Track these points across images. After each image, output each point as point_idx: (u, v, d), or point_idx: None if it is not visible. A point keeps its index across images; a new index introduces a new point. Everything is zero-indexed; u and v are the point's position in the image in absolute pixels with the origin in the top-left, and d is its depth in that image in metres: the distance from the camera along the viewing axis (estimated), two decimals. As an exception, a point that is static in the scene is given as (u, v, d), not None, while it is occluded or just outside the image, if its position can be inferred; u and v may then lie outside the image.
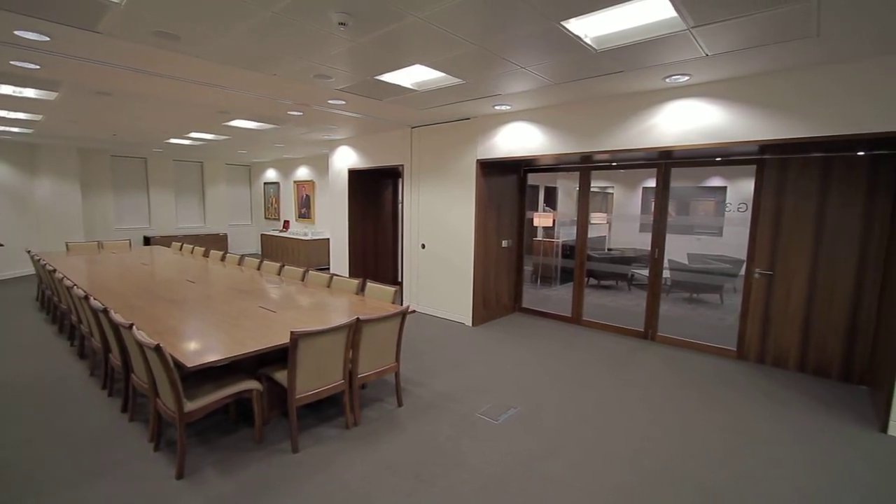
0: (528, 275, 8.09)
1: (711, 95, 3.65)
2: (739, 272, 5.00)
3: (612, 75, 3.51)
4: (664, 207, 4.87)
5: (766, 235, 4.20)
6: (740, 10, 2.33)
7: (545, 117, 4.66)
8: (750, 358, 4.37)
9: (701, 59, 3.10)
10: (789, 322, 4.14)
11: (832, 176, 3.87)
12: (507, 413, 3.28)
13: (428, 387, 3.72)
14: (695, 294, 7.16)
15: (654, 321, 4.97)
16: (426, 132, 5.84)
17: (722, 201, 9.21)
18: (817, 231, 3.96)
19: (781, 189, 4.11)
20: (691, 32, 2.63)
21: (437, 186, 5.78)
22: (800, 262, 4.05)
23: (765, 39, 2.71)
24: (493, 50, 3.00)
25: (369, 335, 3.02)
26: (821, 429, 3.11)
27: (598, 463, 2.68)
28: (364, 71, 3.54)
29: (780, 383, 3.87)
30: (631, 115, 4.08)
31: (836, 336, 3.93)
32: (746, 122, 3.50)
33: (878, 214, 3.69)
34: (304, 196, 10.45)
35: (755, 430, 3.09)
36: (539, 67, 3.36)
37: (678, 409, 3.38)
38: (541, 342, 4.90)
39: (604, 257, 7.94)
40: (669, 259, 7.26)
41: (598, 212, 10.47)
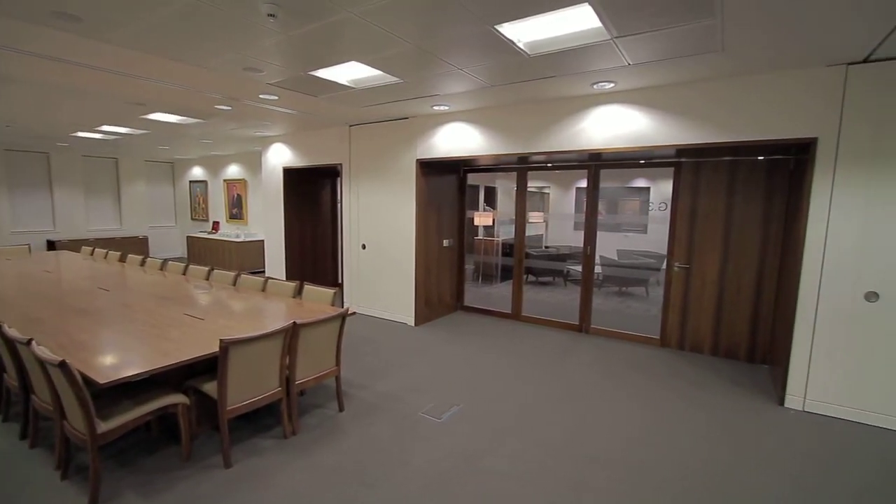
0: (470, 273, 8.23)
1: (634, 102, 3.91)
2: (662, 266, 5.40)
3: (544, 80, 3.65)
4: (594, 206, 5.15)
5: (684, 232, 4.58)
6: (656, 24, 2.52)
7: (483, 118, 4.76)
8: (671, 345, 4.74)
9: (624, 68, 3.31)
10: (704, 311, 4.54)
11: (737, 178, 4.29)
12: (450, 411, 3.31)
13: (370, 389, 3.66)
14: (624, 288, 7.65)
15: (587, 315, 5.25)
16: (365, 130, 5.74)
17: (646, 201, 9.92)
18: (726, 228, 4.38)
19: (696, 190, 4.49)
20: (615, 42, 2.80)
21: (376, 186, 5.70)
22: (712, 256, 4.46)
23: (678, 52, 2.95)
24: (430, 50, 3.01)
25: (307, 340, 2.92)
26: (730, 405, 3.45)
27: (537, 453, 2.78)
28: (297, 66, 3.41)
29: (697, 366, 4.24)
30: (563, 119, 4.27)
31: (743, 322, 4.37)
32: (665, 128, 3.79)
33: (775, 213, 4.15)
34: (235, 195, 9.89)
35: (675, 410, 3.36)
36: (475, 69, 3.42)
37: (609, 396, 3.59)
38: (482, 339, 5.00)
39: (541, 255, 8.26)
40: (601, 255, 7.70)
41: (536, 211, 10.86)
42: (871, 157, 3.06)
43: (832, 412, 3.31)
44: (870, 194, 3.09)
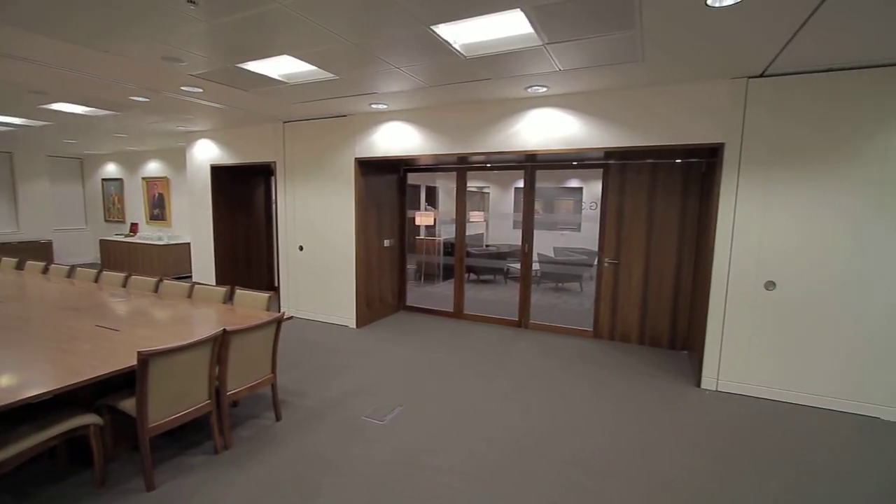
0: (413, 273, 8.21)
1: (566, 106, 4.10)
2: (594, 262, 5.71)
3: (480, 82, 3.72)
4: (531, 206, 5.33)
5: (612, 230, 4.87)
6: (582, 33, 2.65)
7: (422, 118, 4.76)
8: (603, 336, 5.03)
9: (555, 73, 3.45)
10: (631, 303, 4.86)
11: (658, 180, 4.64)
12: (393, 412, 3.28)
13: (310, 395, 3.54)
14: (560, 283, 8.00)
15: (526, 311, 5.43)
16: (300, 128, 5.54)
17: (579, 200, 10.44)
18: (649, 226, 4.71)
19: (622, 190, 4.80)
20: (546, 48, 2.92)
21: (314, 185, 5.52)
22: (638, 252, 4.78)
23: (603, 60, 3.13)
24: (366, 47, 2.96)
25: (239, 347, 2.76)
26: (655, 389, 3.72)
27: (480, 447, 2.83)
28: (224, 57, 3.21)
29: (626, 355, 4.53)
30: (500, 120, 4.38)
31: (665, 312, 4.73)
32: (594, 131, 4.01)
33: (690, 212, 4.53)
34: (155, 195, 9.14)
35: (606, 397, 3.57)
36: (413, 69, 3.41)
37: (547, 387, 3.74)
38: (425, 339, 5.01)
39: (482, 253, 8.42)
40: (538, 253, 8.00)
41: (476, 210, 11.05)
42: (768, 161, 3.43)
43: (741, 391, 3.68)
44: (767, 194, 3.46)
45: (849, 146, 3.22)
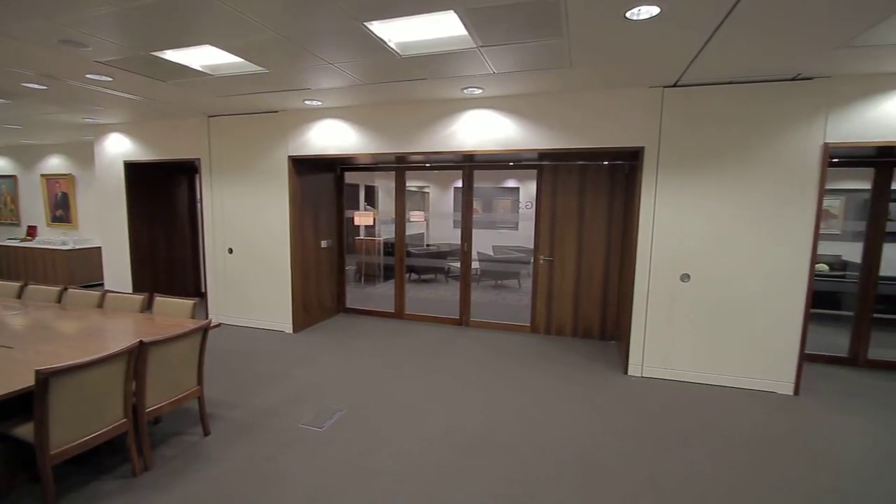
0: (352, 274, 8.04)
1: (501, 108, 4.20)
2: (531, 260, 5.91)
3: (417, 81, 3.71)
4: (470, 205, 5.42)
5: (547, 228, 5.08)
6: (513, 38, 2.73)
7: (359, 116, 4.67)
8: (540, 330, 5.23)
9: (490, 76, 3.53)
10: (565, 298, 5.10)
11: (587, 180, 4.90)
12: (332, 418, 3.19)
13: (243, 406, 3.35)
14: (499, 281, 8.21)
15: (467, 308, 5.51)
16: (227, 123, 5.22)
17: (517, 200, 10.77)
18: (580, 224, 4.96)
19: (555, 190, 5.01)
20: (480, 51, 2.97)
21: (244, 184, 5.22)
22: (570, 249, 5.02)
23: (535, 65, 3.25)
24: (297, 41, 2.85)
25: (159, 360, 2.55)
26: (587, 378, 3.93)
27: (421, 447, 2.83)
28: (136, 44, 2.95)
29: (561, 347, 4.74)
30: (437, 120, 4.40)
31: (595, 305, 5.01)
32: (527, 133, 4.15)
33: (616, 211, 4.83)
34: (58, 194, 8.19)
35: (543, 388, 3.71)
36: (348, 66, 3.33)
37: (486, 383, 3.82)
38: (365, 341, 4.93)
39: (423, 253, 8.43)
40: (478, 252, 8.15)
41: (417, 210, 11.05)
42: (681, 164, 3.74)
43: (663, 375, 3.98)
44: (681, 194, 3.77)
45: (747, 150, 3.59)
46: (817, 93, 3.41)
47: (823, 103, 3.41)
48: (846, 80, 3.36)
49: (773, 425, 3.18)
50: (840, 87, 3.37)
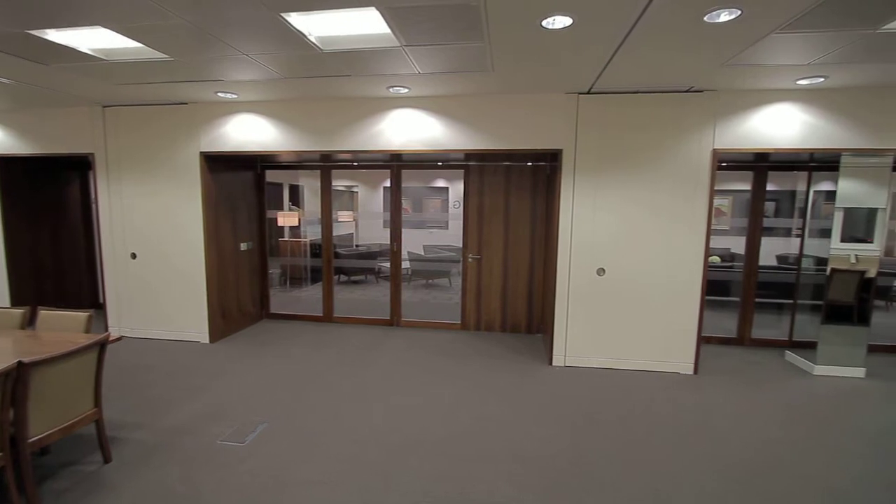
0: (277, 277, 7.65)
1: (428, 108, 4.22)
2: (461, 258, 6.01)
3: (341, 78, 3.62)
4: (399, 205, 5.39)
5: (475, 227, 5.20)
6: (437, 39, 2.76)
7: (280, 111, 4.44)
8: (470, 327, 5.34)
9: (416, 76, 3.53)
10: (493, 295, 5.25)
11: (512, 180, 5.08)
12: (255, 431, 3.01)
13: (151, 426, 3.05)
14: (430, 280, 8.26)
15: (398, 309, 5.47)
16: (127, 114, 4.71)
17: (446, 199, 10.90)
18: (505, 222, 5.14)
19: (482, 190, 5.14)
20: (404, 50, 2.96)
21: (148, 182, 4.75)
22: (497, 247, 5.18)
23: (458, 67, 3.31)
24: (206, 28, 2.64)
25: (44, 382, 2.24)
26: (514, 370, 4.08)
27: (351, 451, 2.76)
28: (10, 20, 2.56)
29: (490, 342, 4.88)
30: (364, 119, 4.32)
31: (522, 301, 5.22)
32: (454, 133, 4.21)
33: (539, 209, 5.07)
34: None
35: (473, 383, 3.80)
36: (265, 58, 3.16)
37: (418, 382, 3.83)
38: (292, 347, 4.71)
39: (352, 254, 8.24)
40: (408, 251, 8.13)
41: (345, 210, 10.78)
42: (595, 165, 4.01)
43: (584, 363, 4.25)
44: (596, 194, 4.05)
45: (651, 154, 3.94)
46: (707, 104, 3.83)
47: (712, 113, 3.84)
48: (730, 94, 3.81)
49: (677, 402, 3.52)
50: (725, 99, 3.82)
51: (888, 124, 3.71)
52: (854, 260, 4.02)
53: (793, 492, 2.45)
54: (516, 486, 2.46)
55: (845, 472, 2.64)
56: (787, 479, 2.56)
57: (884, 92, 3.67)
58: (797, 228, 4.72)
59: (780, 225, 8.62)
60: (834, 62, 3.05)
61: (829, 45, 2.75)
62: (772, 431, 3.10)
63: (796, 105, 3.77)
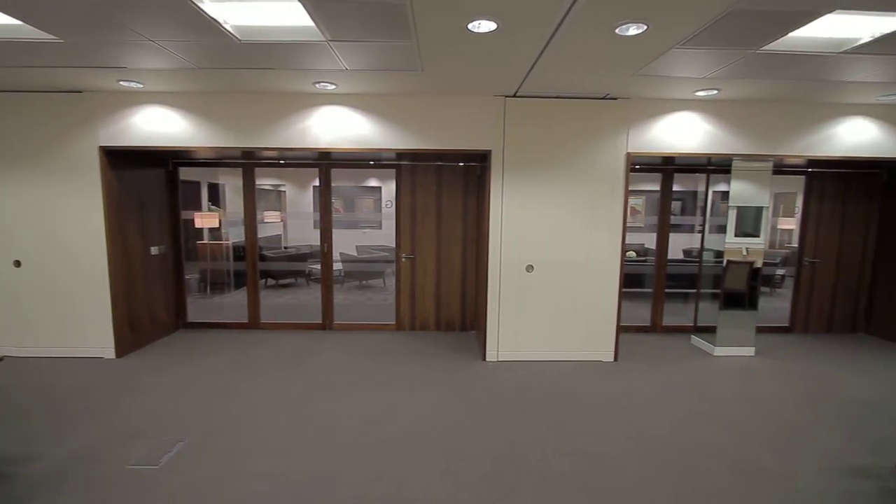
0: (196, 283, 7.11)
1: (357, 106, 4.13)
2: (395, 258, 5.96)
3: (263, 71, 3.43)
4: (328, 204, 5.23)
5: (407, 226, 5.18)
6: (363, 35, 2.71)
7: (196, 104, 4.11)
8: (405, 327, 5.32)
9: (343, 72, 3.44)
10: (427, 294, 5.27)
11: (444, 180, 5.13)
12: (172, 450, 2.77)
13: (45, 457, 2.69)
14: (364, 281, 8.11)
15: (330, 312, 5.31)
16: (5, 102, 4.11)
17: (379, 199, 10.77)
18: (438, 221, 5.18)
19: (414, 189, 5.14)
20: (330, 45, 2.87)
21: (35, 180, 4.18)
22: (430, 246, 5.21)
23: (387, 65, 3.27)
24: (103, 8, 2.38)
25: None
26: (449, 368, 4.13)
27: (281, 463, 2.63)
28: None
29: (425, 342, 4.90)
30: (290, 115, 4.13)
31: (456, 299, 5.29)
32: (384, 132, 4.16)
33: (471, 209, 5.16)
34: None
35: (408, 382, 3.79)
36: (175, 45, 2.91)
37: (352, 384, 3.74)
38: (213, 357, 4.40)
39: (280, 256, 7.86)
40: (341, 252, 7.92)
41: (272, 210, 10.27)
42: (522, 166, 4.17)
43: (517, 357, 4.40)
44: (523, 193, 4.20)
45: (573, 156, 4.17)
46: (621, 110, 4.13)
47: (626, 119, 4.14)
48: (641, 102, 4.13)
49: (600, 388, 3.76)
50: (637, 107, 4.14)
51: (770, 134, 4.23)
52: (745, 252, 4.54)
53: (701, 461, 2.72)
54: (451, 482, 2.49)
55: (743, 439, 2.98)
56: (696, 451, 2.83)
57: (766, 105, 4.19)
58: (699, 225, 5.25)
59: (685, 222, 9.53)
60: (724, 77, 3.42)
61: (719, 61, 3.08)
62: (681, 409, 3.41)
63: (696, 114, 4.19)
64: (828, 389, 3.82)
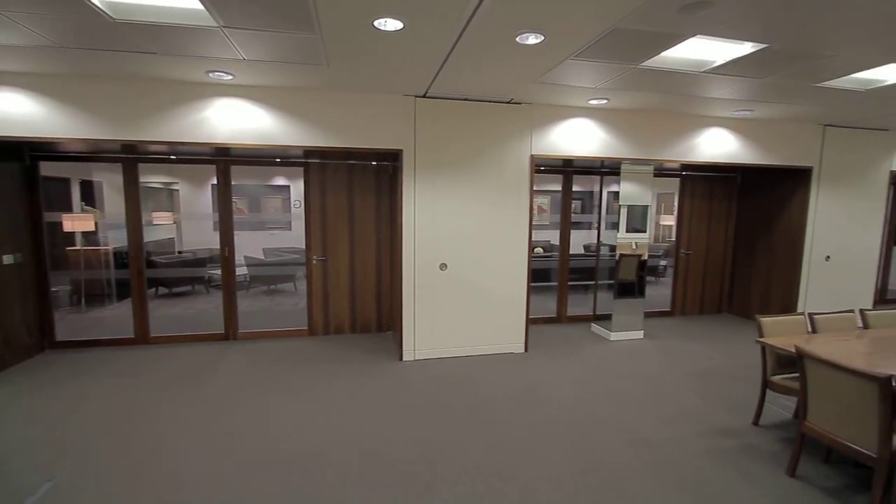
0: (67, 296, 6.18)
1: (258, 99, 3.87)
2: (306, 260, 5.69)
3: (145, 55, 3.07)
4: (229, 204, 4.84)
5: (318, 227, 4.98)
6: (261, 24, 2.54)
7: (59, 89, 3.55)
8: (318, 332, 5.11)
9: (241, 62, 3.20)
10: (341, 296, 5.12)
11: (355, 179, 5.02)
12: (36, 493, 2.37)
13: None
14: (273, 286, 7.65)
15: (233, 320, 4.93)
16: None
17: (287, 198, 10.22)
18: (351, 222, 5.05)
19: (324, 189, 4.95)
20: (224, 32, 2.66)
21: None
22: (343, 247, 5.06)
23: (289, 57, 3.11)
24: (-80, -33, 1.95)
25: None
26: (366, 370, 4.05)
27: (176, 495, 2.38)
28: None
29: (340, 345, 4.75)
30: (181, 106, 3.74)
31: (371, 300, 5.21)
32: (290, 128, 3.95)
33: (384, 208, 5.10)
34: None
35: (324, 388, 3.64)
36: (29, 19, 2.48)
37: (261, 396, 3.50)
38: (86, 379, 3.84)
39: (173, 261, 7.11)
40: (245, 256, 7.39)
41: (163, 210, 9.27)
42: (434, 166, 4.22)
43: (433, 355, 4.44)
44: (435, 193, 4.26)
45: (483, 156, 4.32)
46: (525, 115, 4.36)
47: (529, 123, 4.39)
48: (543, 108, 4.40)
49: (511, 378, 3.95)
50: (539, 112, 4.40)
51: (651, 140, 4.75)
52: (634, 246, 5.05)
53: (600, 438, 2.97)
54: (367, 487, 2.45)
55: (633, 413, 3.31)
56: (595, 428, 3.09)
57: (648, 114, 4.69)
58: (596, 222, 5.74)
59: (584, 220, 10.36)
60: (613, 87, 3.78)
61: (608, 73, 3.39)
62: (582, 391, 3.70)
63: (591, 120, 4.57)
64: (699, 363, 4.40)
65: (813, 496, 2.41)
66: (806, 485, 2.51)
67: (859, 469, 2.64)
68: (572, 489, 2.45)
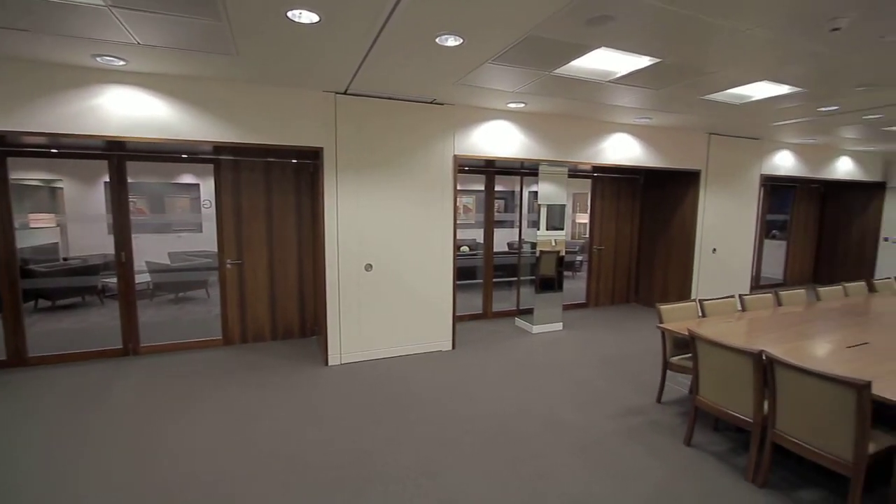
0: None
1: (157, 88, 3.52)
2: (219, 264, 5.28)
3: (14, 32, 2.65)
4: (125, 204, 4.35)
5: (231, 229, 4.65)
6: (156, 6, 2.31)
7: None
8: (234, 341, 4.77)
9: (135, 47, 2.89)
10: (260, 302, 4.83)
11: (273, 178, 4.75)
12: None
13: None
14: (181, 293, 7.01)
15: (133, 333, 4.43)
16: None
17: (197, 198, 9.42)
18: (269, 223, 4.78)
19: (238, 188, 4.63)
20: (112, 12, 2.37)
21: None
22: (260, 249, 4.77)
23: (192, 45, 2.86)
24: None
25: None
26: (288, 378, 3.85)
27: (64, 533, 2.09)
28: None
29: (259, 354, 4.48)
30: (64, 93, 3.28)
31: (293, 304, 4.97)
32: (195, 122, 3.63)
33: (305, 208, 4.89)
34: None
35: (241, 400, 3.41)
36: None
37: (165, 416, 3.20)
38: (-51, 411, 3.25)
39: (57, 270, 6.24)
40: (147, 261, 6.69)
41: (43, 212, 8.10)
42: (357, 165, 4.13)
43: (360, 358, 4.34)
44: (359, 192, 4.17)
45: (407, 156, 4.30)
46: (448, 115, 4.42)
47: (452, 124, 4.45)
48: (465, 109, 4.49)
49: (439, 376, 3.99)
50: (461, 113, 4.48)
51: (566, 143, 5.05)
52: (553, 243, 5.34)
53: (525, 427, 3.10)
54: (294, 497, 2.33)
55: (554, 401, 3.50)
56: (520, 418, 3.21)
57: (563, 119, 4.98)
58: (518, 221, 5.98)
59: (507, 218, 10.76)
60: (529, 92, 3.95)
61: (524, 78, 3.54)
62: (507, 384, 3.84)
63: (510, 123, 4.74)
64: (610, 350, 4.77)
65: (706, 460, 2.72)
66: (700, 451, 2.83)
67: (740, 433, 3.02)
68: (503, 479, 2.53)
